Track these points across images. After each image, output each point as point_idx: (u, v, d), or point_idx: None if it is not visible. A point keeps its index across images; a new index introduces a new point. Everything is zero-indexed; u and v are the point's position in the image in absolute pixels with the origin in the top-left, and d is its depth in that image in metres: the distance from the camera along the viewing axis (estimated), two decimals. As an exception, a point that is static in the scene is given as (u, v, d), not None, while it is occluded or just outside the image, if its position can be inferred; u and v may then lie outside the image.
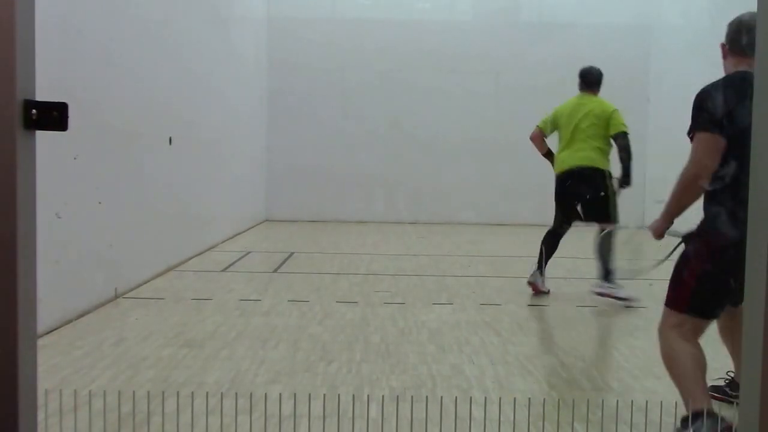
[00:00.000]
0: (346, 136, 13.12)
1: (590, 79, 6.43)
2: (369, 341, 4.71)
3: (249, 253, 9.01)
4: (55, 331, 4.74)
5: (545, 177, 12.69)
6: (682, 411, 3.40)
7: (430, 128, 13.10)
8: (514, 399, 3.50)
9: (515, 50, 12.86)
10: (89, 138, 5.26)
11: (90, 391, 3.42)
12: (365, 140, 13.13)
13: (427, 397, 3.52)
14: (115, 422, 3.08)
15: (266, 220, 13.03)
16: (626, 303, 5.90)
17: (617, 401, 3.50)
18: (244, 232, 11.13)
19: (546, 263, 6.40)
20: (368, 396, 3.57)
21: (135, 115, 6.29)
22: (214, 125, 9.15)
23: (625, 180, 6.15)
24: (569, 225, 6.40)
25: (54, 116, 1.44)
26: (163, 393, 3.41)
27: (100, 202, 5.53)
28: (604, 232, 5.91)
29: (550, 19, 12.95)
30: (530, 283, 6.43)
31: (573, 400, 3.49)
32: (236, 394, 3.47)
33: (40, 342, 4.33)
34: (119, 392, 3.36)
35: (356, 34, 12.91)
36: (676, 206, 3.02)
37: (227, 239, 9.95)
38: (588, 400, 3.44)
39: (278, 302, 5.90)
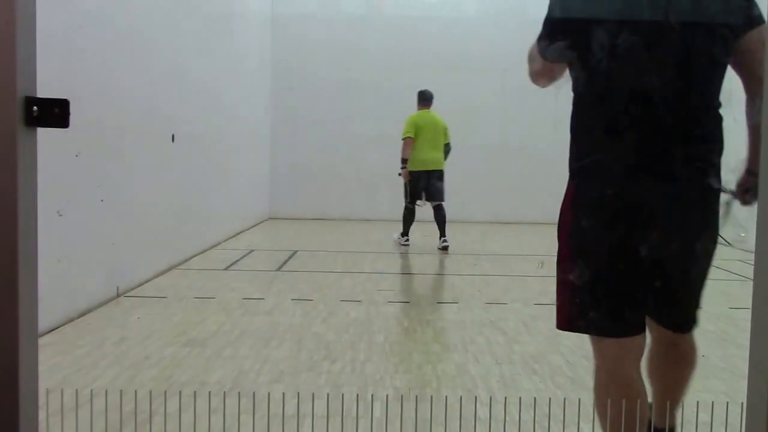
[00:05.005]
0: (351, 133, 13.08)
1: (431, 97, 9.54)
2: (373, 340, 4.69)
3: (252, 251, 8.99)
4: (56, 330, 4.72)
5: (552, 175, 12.72)
6: (689, 411, 3.38)
7: (434, 126, 13.06)
8: (520, 398, 3.48)
9: (522, 47, 12.77)
10: (91, 135, 5.24)
11: (91, 391, 3.39)
12: (369, 138, 13.09)
13: (431, 396, 3.50)
14: (116, 422, 3.06)
15: (270, 218, 13.01)
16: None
17: (623, 401, 3.46)
18: (247, 230, 11.11)
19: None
20: (372, 395, 3.55)
21: (137, 113, 6.26)
22: (217, 122, 9.12)
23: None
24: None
25: (55, 113, 1.42)
26: (165, 392, 3.39)
27: (102, 200, 5.51)
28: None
29: (556, 16, 12.90)
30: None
31: (579, 400, 3.46)
32: (239, 393, 3.45)
33: (42, 341, 4.31)
34: (121, 391, 3.34)
35: (360, 31, 12.86)
36: None
37: (230, 237, 9.93)
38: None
39: (281, 301, 5.88)
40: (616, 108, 2.24)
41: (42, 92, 1.43)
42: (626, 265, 2.25)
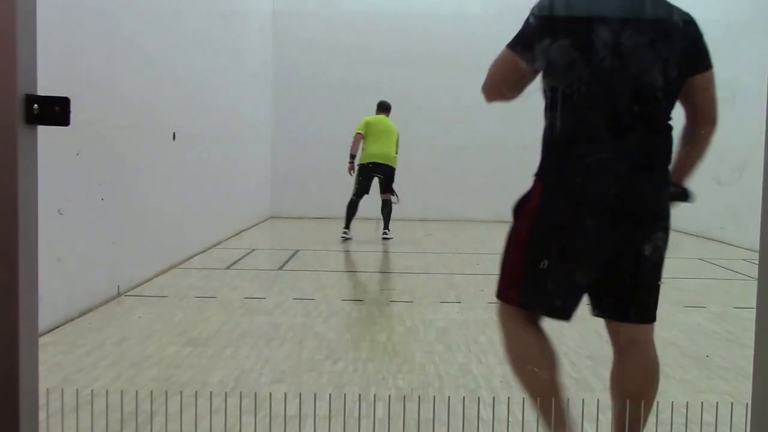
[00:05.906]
0: (352, 132, 12.99)
1: (389, 107, 10.48)
2: (375, 340, 4.67)
3: (253, 250, 8.98)
4: (56, 330, 4.70)
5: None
6: (693, 412, 3.36)
7: (438, 124, 13.03)
8: (523, 399, 3.46)
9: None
10: (91, 134, 5.22)
11: (92, 391, 3.38)
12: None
13: (434, 397, 3.49)
14: (117, 422, 3.04)
15: (271, 217, 12.99)
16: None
17: (627, 401, 3.45)
18: (248, 228, 11.10)
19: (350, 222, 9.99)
20: (375, 396, 3.53)
21: (138, 111, 6.25)
22: (218, 121, 9.11)
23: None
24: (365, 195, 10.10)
25: (56, 111, 1.41)
26: (166, 392, 3.38)
27: (102, 199, 5.49)
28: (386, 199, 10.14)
29: (560, 14, 12.88)
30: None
31: (582, 400, 3.45)
32: (240, 393, 3.43)
33: (42, 340, 4.30)
34: (122, 391, 3.32)
35: (362, 28, 12.83)
36: None
37: (231, 236, 9.91)
38: (598, 400, 3.39)
39: (283, 300, 5.87)
40: (620, 107, 2.35)
41: (42, 90, 1.42)
42: (589, 255, 2.51)
